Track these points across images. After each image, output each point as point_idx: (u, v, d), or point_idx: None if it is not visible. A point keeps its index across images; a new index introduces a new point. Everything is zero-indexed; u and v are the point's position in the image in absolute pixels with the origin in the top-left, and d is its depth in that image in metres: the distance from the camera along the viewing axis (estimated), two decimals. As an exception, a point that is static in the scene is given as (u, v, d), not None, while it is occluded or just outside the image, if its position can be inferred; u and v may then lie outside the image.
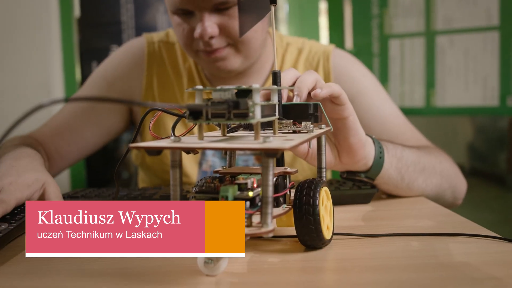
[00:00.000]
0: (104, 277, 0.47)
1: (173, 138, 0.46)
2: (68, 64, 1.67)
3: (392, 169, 0.75)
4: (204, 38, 0.87)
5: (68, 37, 1.68)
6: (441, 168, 0.83)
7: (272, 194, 0.44)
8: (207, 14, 0.85)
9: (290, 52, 1.04)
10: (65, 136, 1.01)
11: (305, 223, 0.51)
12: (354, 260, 0.51)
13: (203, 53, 0.91)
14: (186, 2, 0.85)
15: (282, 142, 0.43)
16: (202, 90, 0.47)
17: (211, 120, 0.45)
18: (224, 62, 0.92)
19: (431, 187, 0.81)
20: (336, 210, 0.72)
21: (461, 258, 0.50)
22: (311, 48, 1.05)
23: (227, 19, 0.87)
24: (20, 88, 1.61)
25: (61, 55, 1.67)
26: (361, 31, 1.92)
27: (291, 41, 1.06)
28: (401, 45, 1.84)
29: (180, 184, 0.47)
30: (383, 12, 1.87)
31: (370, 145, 0.72)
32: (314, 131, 0.55)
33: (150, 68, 1.04)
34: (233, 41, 0.90)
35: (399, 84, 1.86)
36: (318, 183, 0.53)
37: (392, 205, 0.76)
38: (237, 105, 0.42)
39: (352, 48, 1.95)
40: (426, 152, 0.84)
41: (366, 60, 1.91)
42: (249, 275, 0.48)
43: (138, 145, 0.44)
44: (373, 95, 0.99)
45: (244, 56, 0.92)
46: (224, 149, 0.42)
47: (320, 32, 1.86)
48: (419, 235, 0.58)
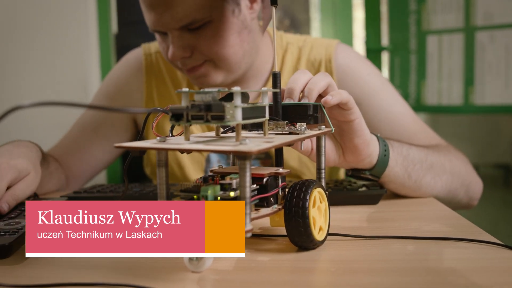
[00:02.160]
0: (99, 269, 0.50)
1: (159, 139, 0.48)
2: (104, 61, 1.73)
3: (398, 167, 0.74)
4: (174, 61, 0.89)
5: (105, 35, 1.74)
6: (451, 166, 0.81)
7: (249, 195, 0.44)
8: (177, 35, 0.86)
9: (290, 52, 1.02)
10: (76, 156, 1.04)
11: (295, 225, 0.52)
12: (343, 262, 0.51)
13: (185, 70, 0.92)
14: (156, 24, 0.86)
15: (256, 144, 0.44)
16: (188, 93, 0.48)
17: (191, 122, 0.46)
18: (206, 78, 0.92)
19: (441, 184, 0.79)
20: (342, 211, 0.72)
21: (451, 264, 0.49)
22: (312, 46, 1.02)
23: (198, 38, 0.86)
24: (59, 84, 1.69)
25: (98, 52, 1.74)
26: (398, 27, 1.88)
27: (291, 40, 1.04)
28: (439, 42, 1.79)
29: (166, 183, 0.48)
30: (421, 8, 1.82)
31: (374, 143, 0.71)
32: (306, 133, 0.55)
33: (149, 81, 1.05)
34: (209, 58, 0.89)
35: (436, 82, 1.81)
36: (310, 184, 0.53)
37: (400, 207, 0.74)
38: (209, 108, 0.43)
39: (389, 44, 1.92)
40: (435, 150, 0.82)
41: (402, 57, 1.88)
42: (234, 273, 0.48)
43: (122, 145, 0.45)
44: (380, 95, 0.96)
45: (225, 71, 0.92)
46: (196, 151, 0.43)
47: (353, 28, 1.83)
48: (416, 238, 0.57)
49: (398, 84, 1.90)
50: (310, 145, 0.66)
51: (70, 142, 1.06)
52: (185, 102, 0.48)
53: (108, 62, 1.75)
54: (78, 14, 1.70)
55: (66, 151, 1.04)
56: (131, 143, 0.46)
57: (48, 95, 1.70)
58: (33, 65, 1.72)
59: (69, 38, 1.70)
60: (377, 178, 0.75)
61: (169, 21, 0.84)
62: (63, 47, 1.70)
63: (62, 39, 1.70)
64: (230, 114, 0.45)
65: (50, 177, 0.92)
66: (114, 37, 1.78)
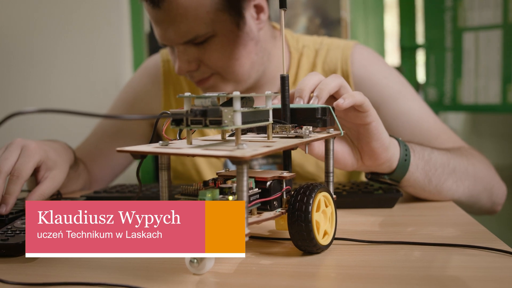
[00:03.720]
0: (101, 270, 0.51)
1: (161, 143, 0.49)
2: (137, 60, 1.77)
3: (419, 172, 0.72)
4: (180, 74, 0.90)
5: (138, 35, 1.78)
6: (474, 170, 0.78)
7: (247, 200, 0.45)
8: (182, 50, 0.87)
9: (306, 55, 1.01)
10: (97, 160, 1.07)
11: (298, 229, 0.51)
12: (344, 268, 0.50)
13: (194, 82, 0.93)
14: (162, 39, 0.88)
15: (254, 149, 0.44)
16: (190, 97, 0.49)
17: (190, 127, 0.46)
18: (216, 90, 0.92)
19: (463, 189, 0.77)
20: (356, 214, 0.71)
21: (455, 272, 0.48)
22: (329, 49, 1.00)
23: (203, 52, 0.87)
24: (93, 84, 1.74)
25: (131, 53, 1.78)
26: (434, 24, 1.84)
27: (308, 42, 1.02)
28: (476, 39, 1.73)
29: (168, 186, 0.49)
30: (457, 4, 1.77)
31: (395, 147, 0.70)
32: (311, 136, 0.54)
33: (167, 87, 1.07)
34: (216, 71, 0.90)
35: (473, 80, 1.75)
36: (314, 188, 0.53)
37: (417, 211, 0.73)
38: (205, 114, 0.44)
39: (424, 42, 1.88)
40: (457, 153, 0.79)
41: (438, 54, 1.83)
42: (234, 276, 0.49)
43: (124, 149, 0.47)
44: (399, 98, 0.93)
45: (234, 82, 0.92)
46: (190, 155, 0.43)
47: (386, 26, 1.80)
48: (423, 244, 0.55)
49: (433, 82, 1.86)
50: (322, 148, 0.65)
51: (91, 147, 1.08)
52: (187, 106, 0.49)
53: (140, 62, 1.78)
54: (111, 14, 1.75)
55: (87, 156, 1.07)
56: (132, 148, 0.47)
57: (83, 95, 1.75)
58: (68, 66, 1.77)
59: (102, 38, 1.75)
60: (397, 183, 0.73)
61: (173, 36, 0.85)
62: (96, 47, 1.75)
63: (96, 39, 1.75)
64: (228, 118, 0.46)
65: (78, 178, 0.95)
66: (146, 36, 1.82)
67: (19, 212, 0.67)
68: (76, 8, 1.77)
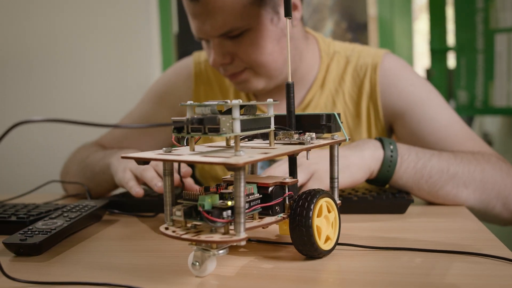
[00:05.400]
0: (109, 270, 0.54)
1: (164, 150, 0.51)
2: (166, 63, 1.81)
3: (404, 179, 0.78)
4: (215, 67, 0.92)
5: (166, 35, 1.82)
6: (482, 176, 0.78)
7: (244, 205, 0.46)
8: (218, 43, 0.89)
9: (336, 61, 1.02)
10: (124, 147, 1.10)
11: (298, 234, 0.52)
12: (344, 273, 0.51)
13: (226, 76, 0.95)
14: (198, 32, 0.91)
15: (250, 156, 0.45)
16: (192, 106, 0.51)
17: (191, 134, 0.48)
18: (247, 85, 0.95)
19: (466, 194, 0.78)
20: (366, 219, 0.72)
21: (454, 279, 0.47)
22: (359, 56, 1.02)
23: (238, 46, 0.89)
24: (123, 88, 1.79)
25: (160, 58, 1.82)
26: (465, 26, 1.81)
27: (339, 49, 1.04)
28: (509, 40, 1.69)
29: (171, 191, 0.51)
30: (489, 5, 1.73)
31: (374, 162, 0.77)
32: (314, 143, 0.55)
33: (198, 88, 1.10)
34: (249, 65, 0.92)
35: (505, 82, 1.71)
36: (316, 194, 0.54)
37: (428, 217, 0.73)
38: (201, 122, 0.46)
39: (454, 44, 1.84)
40: (466, 158, 0.80)
41: (469, 57, 1.80)
42: (234, 279, 0.50)
43: (128, 155, 0.49)
44: (424, 106, 0.94)
45: (266, 77, 0.94)
46: (186, 162, 0.45)
47: (413, 30, 1.78)
48: (426, 251, 0.55)
49: (464, 85, 1.83)
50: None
51: (121, 137, 1.12)
52: (189, 114, 0.51)
53: (169, 63, 1.83)
54: (140, 16, 1.80)
55: (116, 144, 1.10)
56: (136, 154, 0.49)
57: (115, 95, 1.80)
58: (98, 69, 1.84)
59: (131, 41, 1.81)
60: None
61: (210, 29, 0.88)
62: (125, 50, 1.81)
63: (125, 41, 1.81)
64: (226, 126, 0.47)
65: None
66: (175, 37, 1.86)
67: (40, 214, 0.70)
68: (105, 11, 1.83)
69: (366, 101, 0.99)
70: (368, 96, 0.99)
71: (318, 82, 1.01)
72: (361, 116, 0.99)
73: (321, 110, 1.01)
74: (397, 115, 0.97)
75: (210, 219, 0.47)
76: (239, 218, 0.46)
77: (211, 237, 0.47)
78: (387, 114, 0.98)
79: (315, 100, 1.01)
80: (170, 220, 0.51)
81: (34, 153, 1.91)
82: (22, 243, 0.58)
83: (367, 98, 0.99)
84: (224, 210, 0.48)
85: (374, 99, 0.98)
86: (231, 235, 0.47)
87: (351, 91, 1.00)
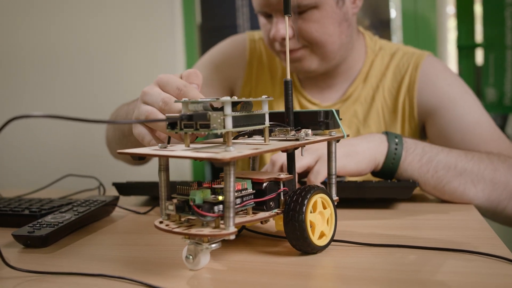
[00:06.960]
0: (109, 262, 0.56)
1: (160, 146, 0.52)
2: (190, 64, 1.84)
3: (409, 172, 0.78)
4: (277, 39, 0.94)
5: (190, 40, 1.85)
6: (494, 176, 0.77)
7: (233, 200, 0.47)
8: (282, 17, 0.91)
9: (381, 56, 1.05)
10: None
11: (291, 228, 0.53)
12: (336, 269, 0.51)
13: (281, 53, 0.97)
14: (263, 5, 0.93)
15: (238, 152, 0.46)
16: (187, 102, 0.52)
17: (183, 130, 0.49)
18: (301, 63, 0.97)
19: (474, 192, 0.77)
20: (366, 214, 0.72)
21: (444, 277, 0.47)
22: (404, 54, 1.04)
23: (301, 22, 0.92)
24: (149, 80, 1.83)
25: (184, 57, 1.85)
26: (493, 21, 1.76)
27: (385, 45, 1.07)
28: (538, 36, 1.64)
29: (167, 185, 0.53)
30: (517, 0, 1.68)
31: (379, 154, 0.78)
32: (309, 139, 0.56)
33: (251, 63, 1.13)
34: (308, 43, 0.94)
35: (535, 79, 1.66)
36: (310, 190, 0.54)
37: (432, 214, 0.72)
38: (191, 118, 0.47)
39: (482, 41, 1.80)
40: (478, 157, 0.79)
41: (498, 53, 1.75)
42: (226, 272, 0.51)
43: (124, 151, 0.51)
44: (456, 105, 0.95)
45: (320, 58, 0.97)
46: (178, 157, 0.46)
47: (438, 27, 1.74)
48: (420, 248, 0.55)
49: (492, 82, 1.78)
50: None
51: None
52: (184, 111, 0.52)
53: (193, 53, 1.85)
54: (164, 6, 1.83)
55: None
56: (132, 150, 0.51)
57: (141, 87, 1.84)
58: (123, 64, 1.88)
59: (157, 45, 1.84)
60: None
61: (276, 2, 0.90)
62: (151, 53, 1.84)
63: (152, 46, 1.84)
64: (217, 122, 0.48)
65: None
66: (198, 28, 1.89)
67: (52, 208, 0.73)
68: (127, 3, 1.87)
69: (403, 97, 1.01)
70: (406, 93, 1.01)
71: (362, 76, 1.04)
72: (398, 112, 1.02)
73: (361, 103, 1.05)
74: (430, 113, 0.98)
75: (200, 213, 0.48)
76: (229, 213, 0.47)
77: (201, 231, 0.48)
78: (421, 112, 1.00)
79: (356, 93, 1.04)
80: (165, 215, 0.53)
81: (54, 148, 1.98)
82: (29, 235, 0.60)
83: (404, 94, 1.01)
84: (215, 205, 0.49)
85: (411, 95, 1.00)
86: (221, 229, 0.48)
87: (390, 86, 1.03)
